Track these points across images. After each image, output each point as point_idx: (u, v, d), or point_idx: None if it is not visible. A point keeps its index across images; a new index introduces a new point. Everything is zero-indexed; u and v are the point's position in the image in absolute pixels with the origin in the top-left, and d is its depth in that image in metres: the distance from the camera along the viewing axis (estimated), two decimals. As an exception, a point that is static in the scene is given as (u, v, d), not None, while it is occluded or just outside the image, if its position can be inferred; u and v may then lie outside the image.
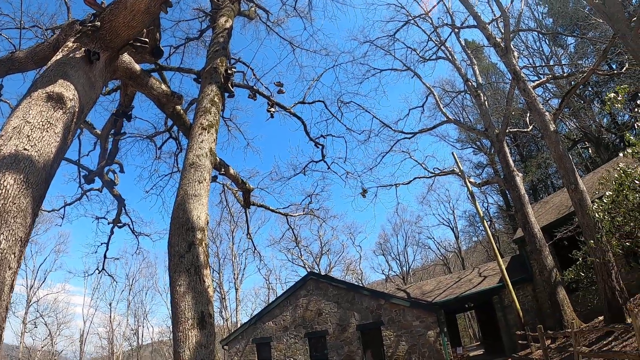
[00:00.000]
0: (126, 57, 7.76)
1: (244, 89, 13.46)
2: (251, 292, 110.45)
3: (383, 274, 59.84)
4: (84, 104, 5.84)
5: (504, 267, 20.04)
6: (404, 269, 58.08)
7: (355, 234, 71.82)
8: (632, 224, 10.15)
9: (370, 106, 55.55)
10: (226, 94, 10.29)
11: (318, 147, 17.70)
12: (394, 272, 58.72)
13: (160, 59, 9.63)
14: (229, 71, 10.30)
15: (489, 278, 24.90)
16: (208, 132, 8.35)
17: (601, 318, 15.86)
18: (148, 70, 9.61)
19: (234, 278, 52.43)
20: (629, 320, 12.70)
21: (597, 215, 11.54)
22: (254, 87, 13.45)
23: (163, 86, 9.39)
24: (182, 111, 10.48)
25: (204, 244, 6.75)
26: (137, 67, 8.22)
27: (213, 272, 48.91)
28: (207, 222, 7.21)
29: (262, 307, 30.20)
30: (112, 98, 15.03)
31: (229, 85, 10.24)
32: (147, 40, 7.68)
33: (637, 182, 9.17)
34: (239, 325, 37.27)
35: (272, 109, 13.48)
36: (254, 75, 14.71)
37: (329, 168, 19.61)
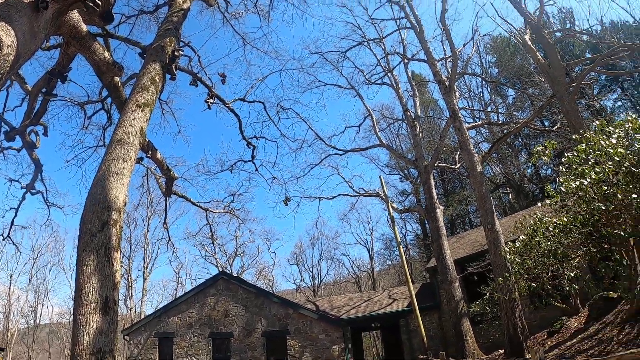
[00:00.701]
0: (75, 15, 7.37)
1: (186, 75, 13.16)
2: (159, 284, 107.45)
3: (294, 283, 60.04)
4: (21, 53, 5.44)
5: (413, 293, 20.61)
6: (316, 281, 58.56)
7: (272, 240, 71.91)
8: (540, 268, 10.80)
9: (308, 116, 56.06)
10: (168, 76, 10.03)
11: (249, 147, 17.55)
12: (306, 283, 59.04)
13: (110, 25, 9.25)
14: (176, 53, 10.04)
15: (398, 301, 25.57)
16: (142, 111, 8.03)
17: (501, 351, 16.67)
18: (94, 33, 9.14)
19: (144, 267, 50.52)
20: (528, 356, 13.49)
21: (508, 255, 12.15)
22: (198, 74, 13.20)
23: (106, 53, 8.99)
24: (120, 83, 10.08)
25: (118, 226, 6.45)
26: (84, 27, 7.83)
27: (123, 257, 46.93)
28: (125, 204, 6.92)
29: (169, 301, 29.35)
30: (51, 55, 14.13)
31: (173, 67, 9.97)
32: (99, 2, 7.35)
33: (550, 230, 9.75)
34: (143, 317, 35.92)
35: (211, 100, 13.34)
36: (200, 63, 14.45)
37: (256, 170, 19.42)
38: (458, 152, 25.94)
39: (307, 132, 49.92)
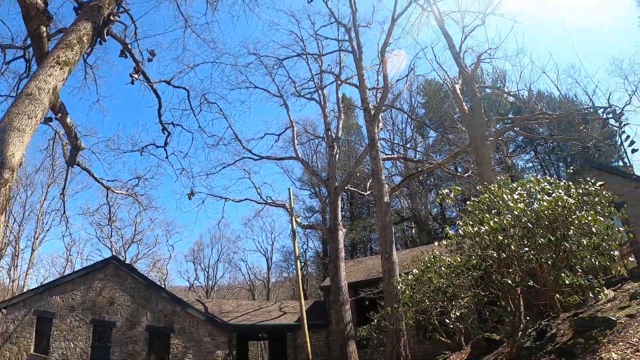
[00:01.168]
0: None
1: (117, 43, 12.62)
2: (48, 258, 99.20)
3: (188, 281, 58.28)
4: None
5: (304, 309, 20.70)
6: (211, 282, 57.45)
7: (172, 232, 69.27)
8: (429, 302, 11.35)
9: (231, 115, 55.33)
10: (98, 39, 9.60)
11: (164, 133, 17.03)
12: (200, 282, 57.63)
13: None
14: (112, 17, 9.67)
15: (288, 315, 25.69)
16: (61, 69, 7.64)
17: (384, 377, 17.24)
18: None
19: (34, 237, 46.60)
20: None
21: (400, 286, 12.65)
22: (129, 45, 12.71)
23: (40, -1, 8.48)
24: (45, 34, 9.47)
25: (8, 186, 6.04)
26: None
27: (14, 223, 43.29)
28: (20, 164, 6.51)
29: (55, 278, 27.47)
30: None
31: (105, 31, 9.58)
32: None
33: (443, 269, 10.29)
34: (25, 290, 33.24)
35: (136, 76, 12.99)
36: (135, 34, 13.85)
37: (167, 157, 18.76)
38: (370, 180, 26.68)
39: (227, 131, 49.17)
